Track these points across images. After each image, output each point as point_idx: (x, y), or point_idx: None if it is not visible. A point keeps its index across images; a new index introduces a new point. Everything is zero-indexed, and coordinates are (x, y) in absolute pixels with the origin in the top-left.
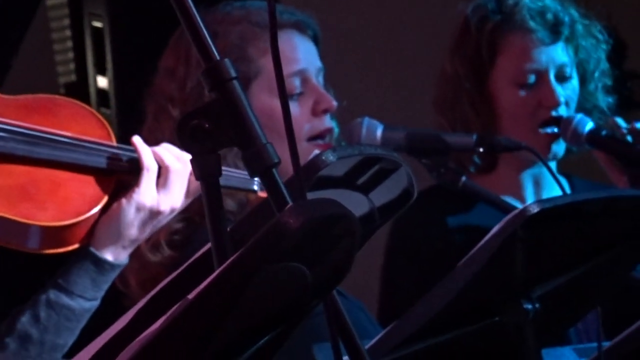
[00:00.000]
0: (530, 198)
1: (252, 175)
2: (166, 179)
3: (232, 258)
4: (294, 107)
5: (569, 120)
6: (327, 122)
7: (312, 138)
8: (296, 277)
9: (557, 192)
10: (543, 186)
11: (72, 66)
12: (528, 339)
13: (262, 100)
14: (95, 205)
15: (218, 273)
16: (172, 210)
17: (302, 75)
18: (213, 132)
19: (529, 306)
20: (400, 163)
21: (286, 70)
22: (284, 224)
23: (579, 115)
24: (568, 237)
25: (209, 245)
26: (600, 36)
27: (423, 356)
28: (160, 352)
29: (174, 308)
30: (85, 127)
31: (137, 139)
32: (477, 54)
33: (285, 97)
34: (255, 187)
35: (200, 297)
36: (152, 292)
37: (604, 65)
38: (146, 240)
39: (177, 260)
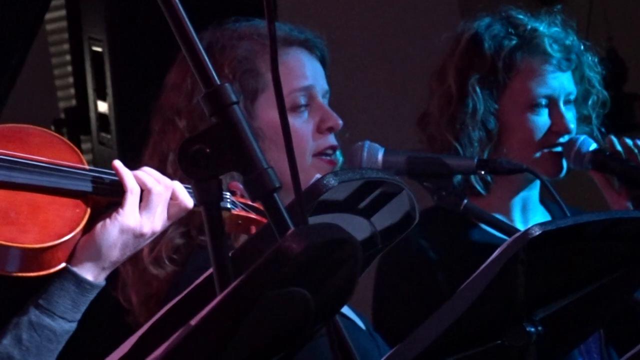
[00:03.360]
0: (518, 220)
1: (254, 200)
2: (148, 201)
3: (234, 283)
4: (299, 122)
5: (572, 141)
6: (332, 139)
7: (317, 154)
8: (298, 301)
9: (543, 215)
10: (529, 209)
11: (72, 91)
12: None
13: (270, 114)
14: (76, 227)
15: (220, 298)
16: (153, 233)
17: (309, 92)
18: (214, 157)
19: (532, 329)
20: (402, 187)
21: (292, 85)
22: (286, 249)
23: (583, 137)
24: (570, 259)
25: (210, 270)
26: (596, 67)
27: None
28: None
29: (176, 334)
30: (57, 154)
31: (117, 163)
32: (492, 75)
33: (285, 118)
34: (229, 205)
35: (203, 322)
36: (155, 318)
37: (601, 94)
38: (148, 253)
39: (179, 277)
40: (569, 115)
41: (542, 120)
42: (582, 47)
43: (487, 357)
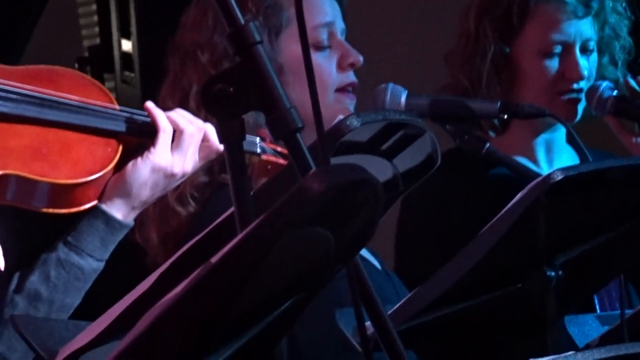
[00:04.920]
0: (542, 161)
1: (276, 139)
2: (181, 141)
3: (255, 222)
4: (322, 58)
5: (594, 87)
6: (352, 76)
7: (340, 90)
8: (319, 242)
9: (568, 158)
10: (554, 151)
11: (96, 29)
12: (551, 306)
13: (293, 49)
14: (107, 166)
15: (241, 237)
16: (184, 174)
17: (329, 28)
18: (237, 97)
19: (552, 273)
20: (424, 129)
21: (314, 21)
22: (307, 189)
23: (605, 83)
24: (592, 204)
25: (232, 209)
26: (624, 12)
27: (445, 323)
28: (183, 315)
29: (196, 271)
30: (88, 94)
31: (150, 104)
32: (506, 18)
33: (308, 54)
34: (258, 150)
35: (223, 260)
36: (176, 255)
37: (626, 41)
38: (172, 190)
39: (200, 217)
40: (584, 62)
41: (555, 66)
42: None
43: (507, 300)
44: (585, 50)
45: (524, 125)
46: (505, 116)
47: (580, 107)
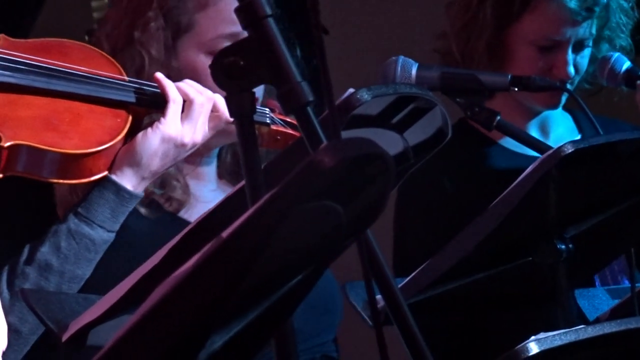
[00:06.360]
0: (533, 132)
1: (287, 113)
2: (190, 111)
3: (266, 196)
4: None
5: (606, 59)
6: None
7: None
8: (330, 215)
9: (565, 130)
10: (550, 126)
11: (106, 1)
12: (561, 279)
13: (189, 55)
14: (117, 136)
15: (252, 211)
16: (194, 144)
17: (235, 39)
18: (248, 70)
19: (563, 246)
20: (435, 102)
21: (216, 31)
22: (318, 163)
23: (616, 54)
24: (602, 177)
25: (242, 182)
26: (630, 12)
27: (455, 295)
28: (193, 290)
29: (207, 246)
30: (97, 66)
31: (159, 74)
32: (507, 3)
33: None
34: (268, 121)
35: (234, 235)
36: (185, 230)
37: (626, 42)
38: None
39: None
40: (575, 60)
41: (545, 59)
42: None
43: (518, 274)
44: (579, 47)
45: (517, 104)
46: (516, 89)
47: (564, 98)
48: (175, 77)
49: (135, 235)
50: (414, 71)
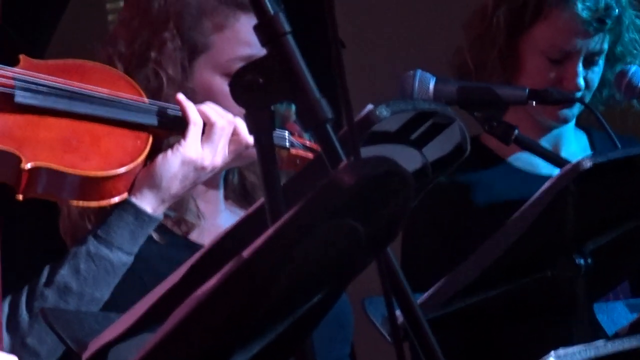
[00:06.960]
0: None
1: (306, 130)
2: (211, 134)
3: (286, 215)
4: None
5: (623, 72)
6: None
7: None
8: (350, 234)
9: (577, 147)
10: (562, 143)
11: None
12: (580, 294)
13: (204, 76)
14: (137, 158)
15: (273, 230)
16: (214, 167)
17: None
18: (267, 87)
19: (582, 261)
20: (454, 118)
21: (233, 53)
22: (338, 181)
23: (634, 67)
24: (621, 191)
25: (261, 200)
26: None
27: (474, 310)
28: (215, 309)
29: (227, 265)
30: (117, 88)
31: (181, 96)
32: (521, 11)
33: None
34: (287, 144)
35: (255, 254)
36: (205, 248)
37: (639, 60)
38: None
39: None
40: (583, 73)
41: (555, 70)
42: (623, 6)
43: (536, 288)
44: (590, 62)
45: (527, 128)
46: (534, 102)
47: (576, 111)
48: (190, 98)
49: (147, 260)
50: (431, 85)
